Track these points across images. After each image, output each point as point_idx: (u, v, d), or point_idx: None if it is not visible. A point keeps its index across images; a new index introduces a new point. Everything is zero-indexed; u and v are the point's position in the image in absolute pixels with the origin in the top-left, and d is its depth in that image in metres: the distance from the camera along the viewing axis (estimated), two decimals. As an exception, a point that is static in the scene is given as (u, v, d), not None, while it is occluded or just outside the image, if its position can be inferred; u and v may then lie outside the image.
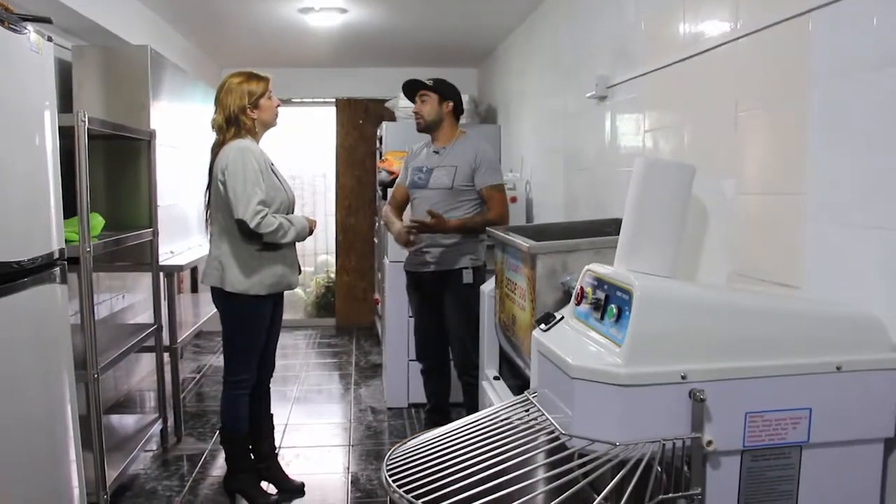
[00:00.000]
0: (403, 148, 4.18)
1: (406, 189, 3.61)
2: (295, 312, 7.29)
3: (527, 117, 4.78)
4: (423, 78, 3.52)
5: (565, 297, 2.09)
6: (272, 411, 3.31)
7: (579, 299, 1.64)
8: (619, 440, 1.32)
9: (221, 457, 3.36)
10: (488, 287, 2.96)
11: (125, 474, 3.23)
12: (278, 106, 3.09)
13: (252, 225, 2.83)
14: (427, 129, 3.55)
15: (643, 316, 1.38)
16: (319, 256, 7.65)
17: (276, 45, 5.61)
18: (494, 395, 2.64)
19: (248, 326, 3.02)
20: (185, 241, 4.26)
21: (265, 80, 3.03)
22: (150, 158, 3.62)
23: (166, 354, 3.84)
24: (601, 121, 3.16)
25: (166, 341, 3.81)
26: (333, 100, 6.81)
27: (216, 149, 3.00)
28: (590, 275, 1.65)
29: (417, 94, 3.51)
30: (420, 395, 3.94)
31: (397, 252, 3.64)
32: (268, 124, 3.07)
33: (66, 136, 2.59)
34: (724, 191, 2.06)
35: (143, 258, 3.68)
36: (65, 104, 3.51)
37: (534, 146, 4.56)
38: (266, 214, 2.86)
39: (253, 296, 2.96)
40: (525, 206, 4.44)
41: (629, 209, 1.70)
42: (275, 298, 3.10)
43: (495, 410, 1.65)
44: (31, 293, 2.13)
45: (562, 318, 1.68)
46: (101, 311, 4.12)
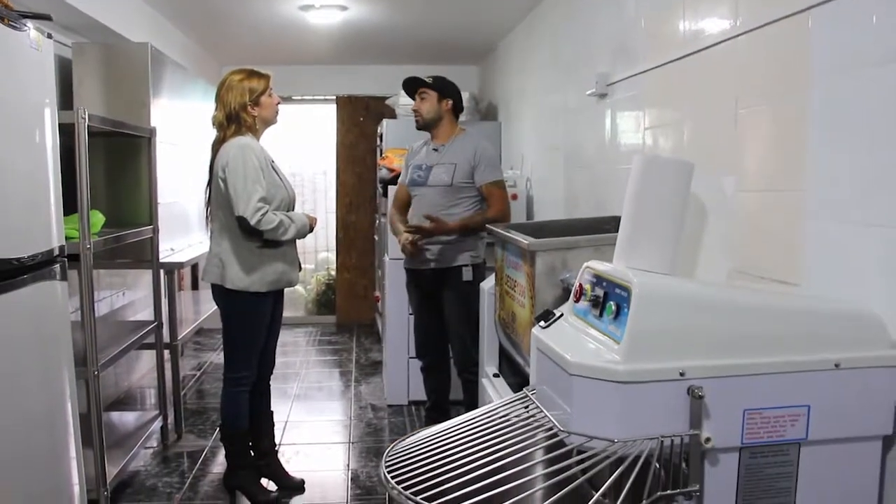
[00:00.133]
0: (404, 145, 4.18)
1: (407, 187, 3.62)
2: (295, 310, 7.30)
3: (527, 115, 4.78)
4: (424, 75, 3.52)
5: (565, 294, 2.09)
6: (272, 408, 3.32)
7: (578, 296, 1.64)
8: (617, 437, 1.32)
9: (222, 454, 3.36)
10: (488, 284, 2.97)
11: (125, 471, 3.24)
12: (279, 103, 3.09)
13: (253, 222, 2.83)
14: (426, 127, 3.54)
15: (641, 313, 1.38)
16: (320, 254, 7.65)
17: (276, 42, 5.61)
18: (494, 392, 2.64)
19: (248, 323, 3.02)
20: (185, 238, 4.27)
21: (266, 77, 3.03)
22: (151, 155, 3.62)
23: (167, 351, 3.85)
24: (601, 118, 3.16)
25: (167, 338, 3.81)
26: (334, 97, 6.81)
27: (217, 146, 3.00)
28: (588, 272, 1.65)
29: (417, 91, 3.51)
30: (420, 392, 3.94)
31: (397, 249, 3.64)
32: (268, 122, 3.07)
33: (67, 133, 2.59)
34: (723, 188, 2.06)
35: (144, 255, 3.69)
36: (65, 101, 3.51)
37: (534, 143, 4.56)
38: (267, 211, 2.86)
39: (253, 293, 2.96)
40: (525, 203, 4.45)
41: (628, 206, 1.69)
42: (275, 295, 3.10)
43: (494, 407, 1.65)
44: (31, 290, 2.13)
45: (561, 315, 1.68)
46: (102, 308, 4.12)
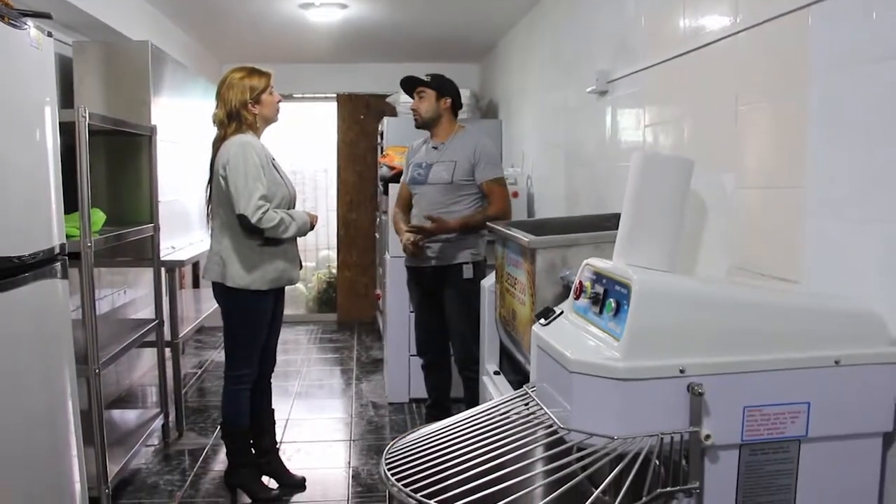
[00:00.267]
0: (404, 143, 4.18)
1: (408, 186, 3.62)
2: (296, 308, 7.30)
3: (528, 112, 4.78)
4: (423, 74, 3.52)
5: (565, 291, 2.09)
6: (273, 406, 3.32)
7: (578, 293, 1.64)
8: (617, 434, 1.32)
9: (223, 452, 3.37)
10: (489, 282, 2.97)
11: (126, 469, 3.24)
12: (279, 101, 3.10)
13: (253, 220, 2.84)
14: (425, 126, 3.54)
15: (641, 310, 1.38)
16: (321, 252, 7.65)
17: (276, 40, 5.61)
18: (495, 390, 2.64)
19: (249, 321, 3.03)
20: (186, 236, 4.27)
21: (267, 75, 3.03)
22: (151, 154, 3.62)
23: (168, 349, 3.85)
24: (602, 115, 3.16)
25: (168, 336, 3.82)
26: (334, 95, 6.81)
27: (217, 144, 3.00)
28: (588, 269, 1.65)
29: (415, 90, 3.50)
30: (421, 390, 3.94)
31: (398, 247, 3.65)
32: (269, 120, 3.07)
33: (67, 131, 2.59)
34: (723, 185, 2.06)
35: (145, 253, 3.69)
36: (65, 100, 3.52)
37: (535, 141, 4.56)
38: (267, 209, 2.86)
39: (254, 291, 2.96)
40: (526, 200, 4.45)
41: (627, 203, 1.69)
42: (276, 293, 3.10)
43: (494, 405, 1.65)
44: (32, 288, 2.13)
45: (561, 312, 1.68)
46: (103, 306, 4.13)
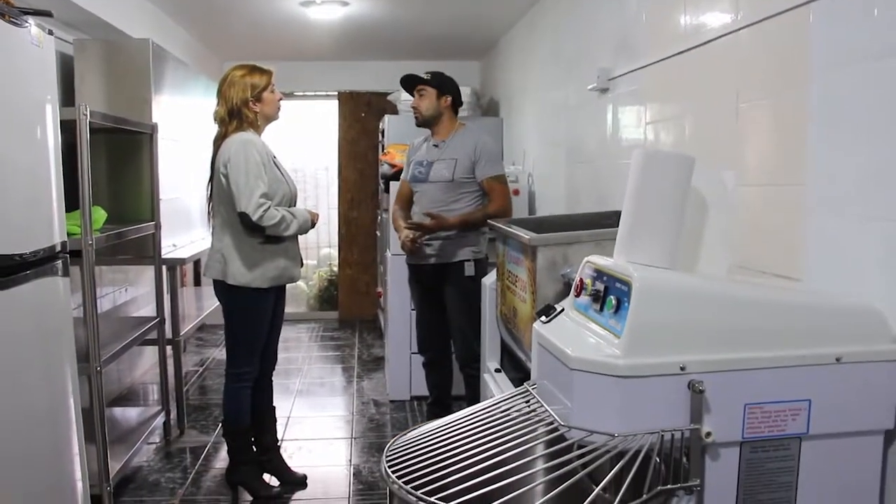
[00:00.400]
0: (405, 141, 4.18)
1: (409, 184, 3.62)
2: (298, 306, 7.30)
3: (529, 110, 4.77)
4: (423, 72, 3.52)
5: (566, 289, 2.09)
6: (274, 404, 3.32)
7: (579, 291, 1.64)
8: (617, 431, 1.32)
9: (224, 449, 3.37)
10: (490, 279, 2.96)
11: (128, 466, 3.25)
12: (280, 99, 3.09)
13: (255, 218, 2.84)
14: (426, 124, 3.54)
15: (642, 307, 1.38)
16: (322, 250, 7.65)
17: (277, 38, 5.60)
18: (496, 387, 2.64)
19: (250, 319, 3.03)
20: (187, 234, 4.27)
21: (268, 73, 3.03)
22: (152, 152, 3.63)
23: (169, 347, 3.86)
24: (603, 113, 3.16)
25: (169, 334, 3.82)
26: (336, 93, 6.81)
27: (218, 141, 3.00)
28: (589, 266, 1.65)
29: (415, 88, 3.50)
30: (422, 387, 3.94)
31: (399, 245, 3.65)
32: (270, 117, 3.07)
33: (68, 129, 2.59)
34: (724, 182, 2.06)
35: (146, 251, 3.69)
36: (66, 98, 3.51)
37: (536, 139, 4.56)
38: (269, 207, 2.86)
39: (255, 289, 2.96)
40: (527, 198, 4.44)
41: (628, 201, 1.69)
42: (277, 291, 3.10)
43: (495, 402, 1.65)
44: (33, 286, 2.13)
45: (562, 310, 1.68)
46: (104, 304, 4.13)
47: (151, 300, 4.14)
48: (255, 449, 3.22)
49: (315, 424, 4.14)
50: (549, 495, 1.26)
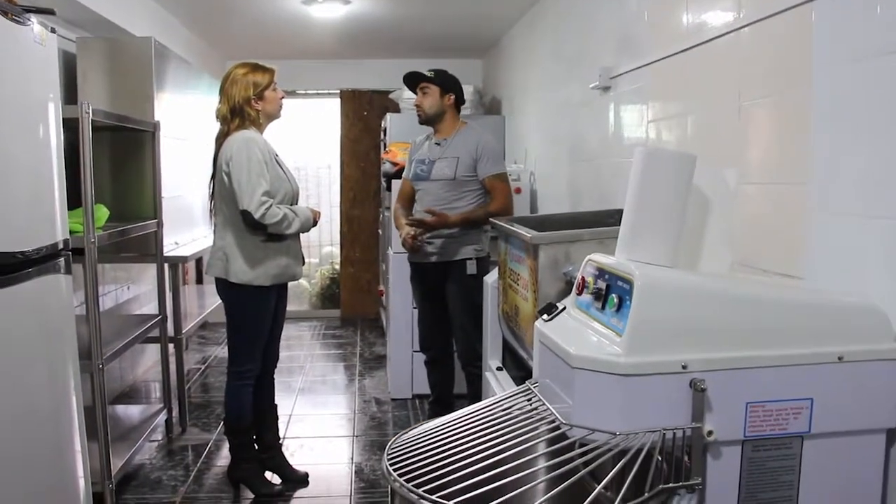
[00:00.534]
0: (407, 139, 4.18)
1: (411, 182, 3.62)
2: (300, 304, 7.30)
3: (531, 108, 4.77)
4: (425, 69, 3.52)
5: (568, 287, 2.08)
6: (276, 402, 3.33)
7: (580, 289, 1.64)
8: (619, 430, 1.32)
9: (226, 447, 3.37)
10: (491, 278, 2.96)
11: (130, 464, 3.25)
12: (283, 97, 3.09)
13: (257, 216, 2.84)
14: (429, 122, 3.54)
15: (644, 305, 1.38)
16: (324, 248, 7.65)
17: (280, 36, 5.60)
18: (498, 385, 2.64)
19: (252, 317, 3.03)
20: (189, 232, 4.27)
21: (270, 71, 3.03)
22: (155, 150, 3.63)
23: (171, 345, 3.86)
24: (605, 111, 3.15)
25: (171, 332, 3.82)
26: (338, 91, 6.81)
27: (220, 139, 3.00)
28: (591, 265, 1.65)
29: (418, 86, 3.50)
30: (424, 385, 3.95)
31: (401, 243, 3.65)
32: (272, 116, 3.07)
33: (71, 127, 2.59)
34: (726, 180, 2.06)
35: (148, 249, 3.70)
36: (69, 96, 3.51)
37: (538, 137, 4.55)
38: (271, 205, 2.87)
39: (257, 287, 2.97)
40: (529, 197, 4.44)
41: (630, 199, 1.69)
42: (279, 289, 3.10)
43: (496, 400, 1.65)
44: (35, 284, 2.14)
45: (564, 308, 1.68)
46: (107, 302, 4.14)
47: (153, 298, 4.14)
48: (256, 447, 3.23)
49: (317, 422, 4.15)
50: (550, 493, 1.26)
